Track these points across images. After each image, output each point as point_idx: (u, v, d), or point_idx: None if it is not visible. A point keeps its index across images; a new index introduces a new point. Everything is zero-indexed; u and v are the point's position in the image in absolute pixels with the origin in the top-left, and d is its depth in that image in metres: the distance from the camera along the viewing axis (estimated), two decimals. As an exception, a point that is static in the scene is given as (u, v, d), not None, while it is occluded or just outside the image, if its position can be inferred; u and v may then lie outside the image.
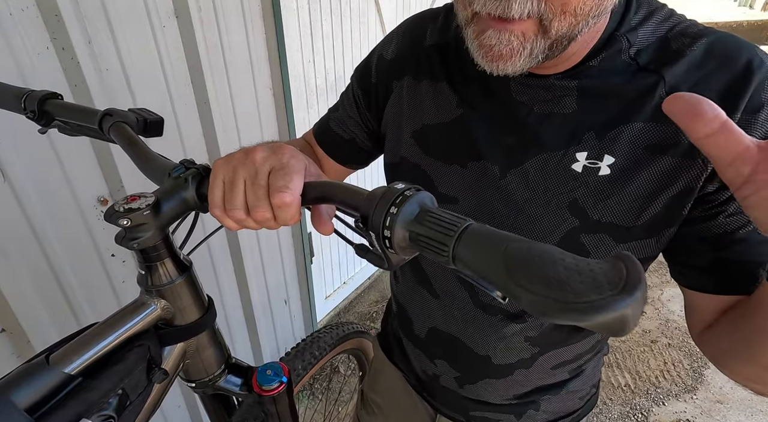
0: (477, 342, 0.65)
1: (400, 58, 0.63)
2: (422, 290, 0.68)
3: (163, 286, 0.42)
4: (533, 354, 0.64)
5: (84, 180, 0.97)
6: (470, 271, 0.28)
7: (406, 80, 0.61)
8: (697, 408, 1.84)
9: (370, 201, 0.32)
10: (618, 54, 0.48)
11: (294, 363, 0.90)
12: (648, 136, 0.48)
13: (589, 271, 0.23)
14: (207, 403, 0.58)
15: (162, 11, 1.03)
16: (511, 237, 0.27)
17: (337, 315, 2.24)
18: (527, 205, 0.54)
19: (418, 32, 0.62)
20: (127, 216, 0.37)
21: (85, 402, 0.35)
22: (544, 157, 0.52)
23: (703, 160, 0.46)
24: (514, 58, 0.44)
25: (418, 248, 0.31)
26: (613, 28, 0.49)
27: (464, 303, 0.63)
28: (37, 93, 0.54)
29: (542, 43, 0.43)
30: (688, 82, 0.46)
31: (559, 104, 0.51)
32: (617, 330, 0.23)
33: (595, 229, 0.52)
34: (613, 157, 0.49)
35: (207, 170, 0.41)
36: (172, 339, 0.45)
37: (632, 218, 0.50)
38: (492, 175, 0.55)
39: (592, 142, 0.49)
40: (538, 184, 0.53)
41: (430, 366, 0.72)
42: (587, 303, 0.22)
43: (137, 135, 0.48)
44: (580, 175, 0.50)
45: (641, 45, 0.48)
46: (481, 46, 0.45)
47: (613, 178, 0.49)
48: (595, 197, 0.50)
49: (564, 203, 0.52)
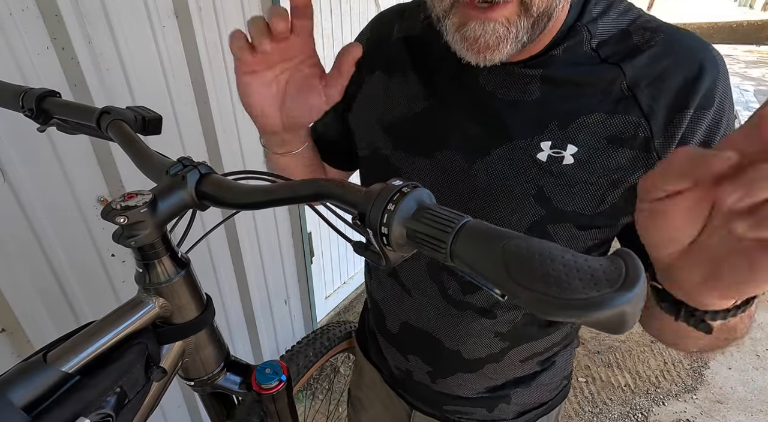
0: (447, 337, 0.66)
1: (370, 53, 0.63)
2: (394, 285, 0.69)
3: (161, 284, 0.42)
4: (503, 349, 0.65)
5: (84, 180, 0.97)
6: (468, 268, 0.28)
7: (377, 74, 0.62)
8: (697, 408, 1.83)
9: (368, 198, 0.32)
10: (580, 45, 0.50)
11: (293, 361, 0.90)
12: (608, 128, 0.49)
13: (587, 268, 0.23)
14: (206, 402, 0.58)
15: (162, 11, 1.03)
16: (509, 233, 0.27)
17: (337, 314, 2.24)
18: (493, 194, 0.54)
19: (387, 28, 0.64)
20: (124, 214, 0.37)
21: (82, 400, 0.35)
22: (509, 146, 0.52)
23: (657, 154, 0.48)
24: (501, 45, 0.44)
25: (415, 245, 0.31)
26: (574, 19, 0.50)
27: (434, 298, 0.64)
28: (34, 91, 0.54)
29: (526, 23, 0.43)
30: (647, 78, 0.48)
31: (523, 92, 0.52)
32: (616, 327, 0.23)
33: (560, 219, 0.53)
34: (576, 147, 0.50)
35: (206, 168, 0.41)
36: (171, 338, 0.45)
37: (594, 207, 0.52)
38: (459, 164, 0.56)
39: (556, 131, 0.50)
40: (504, 173, 0.53)
41: (403, 361, 0.74)
42: (585, 300, 0.22)
43: (135, 133, 0.48)
44: (544, 164, 0.51)
45: (602, 37, 0.49)
46: (465, 38, 0.44)
47: (576, 167, 0.50)
48: (560, 186, 0.51)
49: (530, 192, 0.53)
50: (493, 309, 0.61)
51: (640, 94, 0.48)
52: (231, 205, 0.39)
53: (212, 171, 0.42)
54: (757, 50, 10.30)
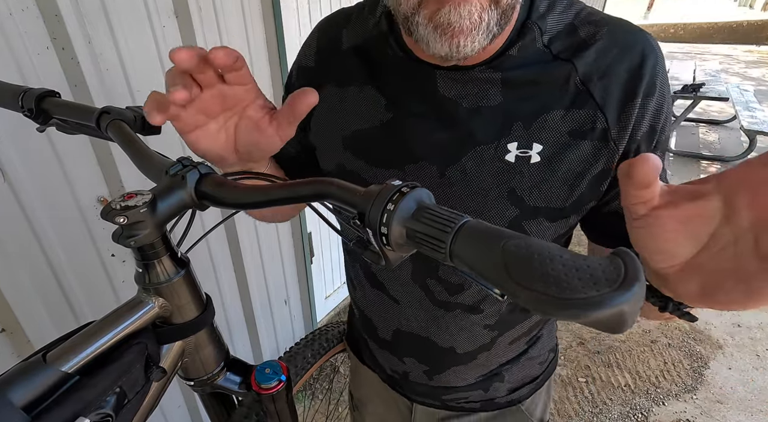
0: (440, 337, 0.67)
1: (319, 65, 0.62)
2: (381, 295, 0.69)
3: (161, 284, 0.42)
4: (492, 338, 0.67)
5: (84, 180, 0.98)
6: (468, 268, 0.28)
7: (330, 88, 0.60)
8: (697, 408, 1.83)
9: (367, 197, 0.32)
10: (533, 42, 0.50)
11: (293, 361, 0.90)
12: (568, 122, 0.51)
13: (586, 268, 0.23)
14: (206, 402, 0.58)
15: (162, 11, 1.04)
16: (508, 233, 0.27)
17: (337, 314, 2.24)
18: (469, 199, 0.55)
19: (333, 35, 0.61)
20: (123, 214, 0.37)
21: (82, 400, 0.35)
22: (478, 151, 0.53)
23: (614, 143, 0.50)
24: (473, 32, 0.44)
25: (415, 245, 0.31)
26: (524, 17, 0.51)
27: (423, 303, 0.65)
28: (34, 91, 0.54)
29: (495, 15, 0.44)
30: (598, 71, 0.49)
31: (485, 97, 0.52)
32: (616, 326, 0.23)
33: (533, 215, 0.54)
34: (541, 145, 0.51)
35: (205, 168, 0.41)
36: (170, 338, 0.45)
37: (563, 199, 0.53)
38: (431, 174, 0.56)
39: (520, 131, 0.51)
40: (477, 178, 0.54)
41: (399, 364, 0.74)
42: (585, 300, 0.22)
43: (135, 133, 0.48)
44: (514, 164, 0.52)
45: (552, 32, 0.50)
46: (438, 25, 0.44)
47: (543, 164, 0.52)
48: (530, 184, 0.53)
49: (503, 193, 0.54)
50: (479, 305, 0.63)
51: (593, 87, 0.49)
52: (231, 205, 0.39)
53: (212, 171, 0.42)
54: (757, 50, 10.30)
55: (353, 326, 0.88)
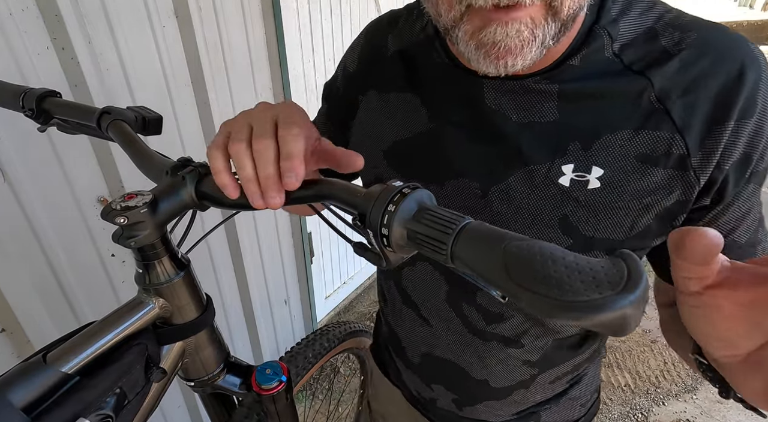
0: (473, 366, 0.62)
1: (363, 70, 0.59)
2: (412, 314, 0.64)
3: (161, 285, 0.42)
4: (532, 375, 0.61)
5: (84, 180, 0.97)
6: (469, 270, 0.27)
7: (372, 94, 0.57)
8: (697, 408, 1.83)
9: (368, 198, 0.32)
10: (600, 51, 0.44)
11: (294, 362, 0.90)
12: (637, 145, 0.44)
13: (589, 270, 0.23)
14: (207, 402, 0.58)
15: (162, 11, 1.03)
16: (510, 235, 0.27)
17: (337, 314, 2.24)
18: (513, 223, 0.50)
19: (379, 40, 0.58)
20: (123, 215, 0.37)
21: (82, 401, 0.35)
22: (527, 172, 0.47)
23: (695, 172, 0.43)
24: (524, 50, 0.38)
25: (416, 246, 0.30)
26: (591, 22, 0.44)
27: (458, 329, 0.60)
28: (35, 91, 0.54)
29: (553, 28, 0.38)
30: (679, 87, 0.42)
31: (539, 112, 0.46)
32: (618, 329, 0.22)
33: (589, 246, 0.48)
34: (602, 169, 0.45)
35: (205, 168, 0.41)
36: (171, 338, 0.45)
37: (625, 231, 0.47)
38: (473, 193, 0.51)
39: (578, 152, 0.45)
40: (524, 202, 0.48)
41: (426, 390, 0.70)
42: (587, 302, 0.22)
43: (136, 133, 0.48)
44: (567, 189, 0.46)
45: (625, 39, 0.44)
46: (482, 44, 0.39)
47: (603, 190, 0.46)
48: (587, 212, 0.47)
49: (554, 221, 0.48)
50: (519, 339, 0.57)
51: (671, 106, 0.42)
52: (231, 206, 0.39)
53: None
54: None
55: (380, 337, 0.81)
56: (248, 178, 0.35)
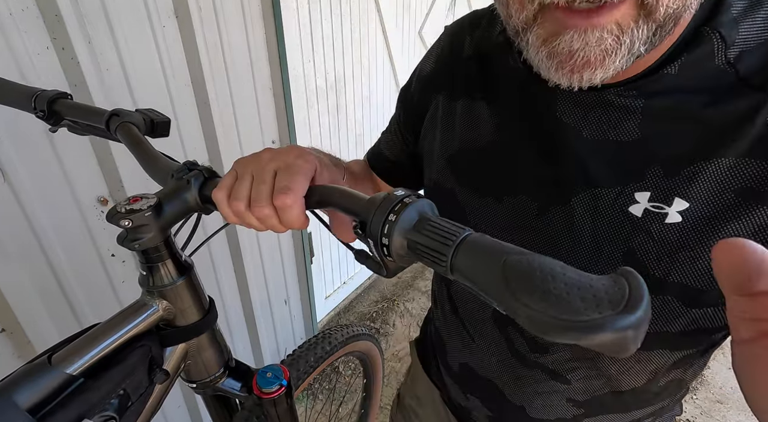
0: (511, 390, 0.58)
1: (437, 72, 0.56)
2: (458, 325, 0.61)
3: (165, 287, 0.42)
4: (576, 416, 0.55)
5: (84, 180, 0.97)
6: (469, 282, 0.27)
7: (441, 98, 0.55)
8: (697, 408, 1.84)
9: (370, 207, 0.32)
10: (708, 58, 0.36)
11: (295, 365, 0.90)
12: (741, 177, 0.35)
13: (589, 287, 0.22)
14: (209, 404, 0.58)
15: (162, 11, 1.03)
16: (511, 248, 0.26)
17: (337, 315, 2.24)
18: (571, 251, 0.44)
19: (457, 42, 0.54)
20: (128, 217, 0.37)
21: (86, 402, 0.35)
22: (593, 194, 0.42)
23: None
24: (606, 61, 0.33)
25: (416, 257, 0.30)
26: (700, 21, 0.36)
27: (500, 349, 0.56)
28: (47, 93, 0.54)
29: (645, 31, 0.32)
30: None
31: (617, 128, 0.40)
32: (617, 350, 0.21)
33: (659, 290, 0.41)
34: (688, 202, 0.38)
35: (210, 172, 0.41)
36: (174, 340, 0.45)
37: (709, 279, 0.39)
38: (529, 212, 0.46)
39: (659, 179, 0.38)
40: (585, 227, 0.43)
41: (462, 398, 0.67)
42: (585, 322, 0.21)
43: (143, 135, 0.48)
44: (639, 220, 0.40)
45: (745, 45, 0.35)
46: (555, 54, 0.34)
47: (686, 227, 0.38)
48: (659, 250, 0.40)
49: (617, 254, 0.42)
50: (566, 375, 0.51)
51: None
52: None
53: (217, 175, 0.42)
54: (755, 50, 10.28)
55: (426, 333, 0.78)
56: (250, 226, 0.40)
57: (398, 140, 0.66)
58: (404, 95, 0.64)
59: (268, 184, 0.38)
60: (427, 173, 0.59)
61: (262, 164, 0.39)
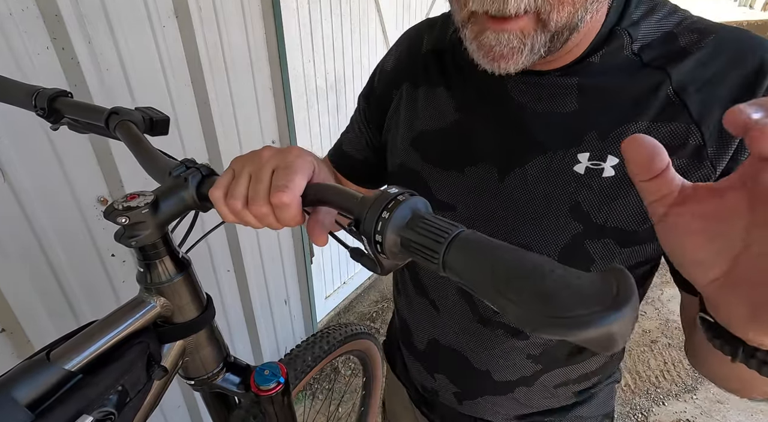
0: (477, 356, 0.63)
1: (398, 68, 0.63)
2: (422, 301, 0.67)
3: (162, 284, 0.42)
4: (535, 373, 0.62)
5: (84, 180, 0.98)
6: (460, 279, 0.27)
7: (404, 87, 0.61)
8: (697, 408, 1.84)
9: (363, 205, 0.32)
10: (620, 50, 0.47)
11: (293, 364, 0.90)
12: (653, 136, 0.41)
13: (577, 284, 0.22)
14: (208, 402, 0.58)
15: (162, 11, 1.04)
16: (502, 246, 0.26)
17: (337, 315, 2.24)
18: (527, 208, 0.52)
19: (416, 41, 0.62)
20: (125, 214, 0.37)
21: (85, 398, 0.36)
22: (544, 159, 0.50)
23: (711, 162, 0.44)
24: (515, 56, 0.42)
25: (409, 254, 0.30)
26: (613, 23, 0.47)
27: (464, 316, 0.61)
28: (47, 91, 0.55)
29: (542, 38, 0.42)
30: (696, 82, 0.44)
31: (559, 103, 0.49)
32: (604, 346, 0.22)
33: (599, 234, 0.49)
34: (617, 158, 0.47)
35: (208, 170, 0.42)
36: (172, 337, 0.45)
37: (638, 222, 0.48)
38: (491, 178, 0.53)
39: (595, 142, 0.48)
40: (539, 187, 0.51)
41: (429, 380, 0.71)
42: (573, 319, 0.21)
43: (143, 133, 0.49)
44: (582, 176, 0.48)
45: (645, 40, 0.46)
46: (481, 46, 0.43)
47: (617, 179, 0.47)
48: (599, 200, 0.48)
49: (565, 207, 0.50)
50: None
51: (688, 99, 0.44)
52: None
53: (214, 173, 0.42)
54: (756, 50, 10.25)
55: (392, 335, 0.85)
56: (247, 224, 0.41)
57: (361, 139, 0.70)
58: (366, 91, 0.69)
59: (266, 183, 0.39)
60: (390, 160, 0.65)
61: (261, 162, 0.40)
